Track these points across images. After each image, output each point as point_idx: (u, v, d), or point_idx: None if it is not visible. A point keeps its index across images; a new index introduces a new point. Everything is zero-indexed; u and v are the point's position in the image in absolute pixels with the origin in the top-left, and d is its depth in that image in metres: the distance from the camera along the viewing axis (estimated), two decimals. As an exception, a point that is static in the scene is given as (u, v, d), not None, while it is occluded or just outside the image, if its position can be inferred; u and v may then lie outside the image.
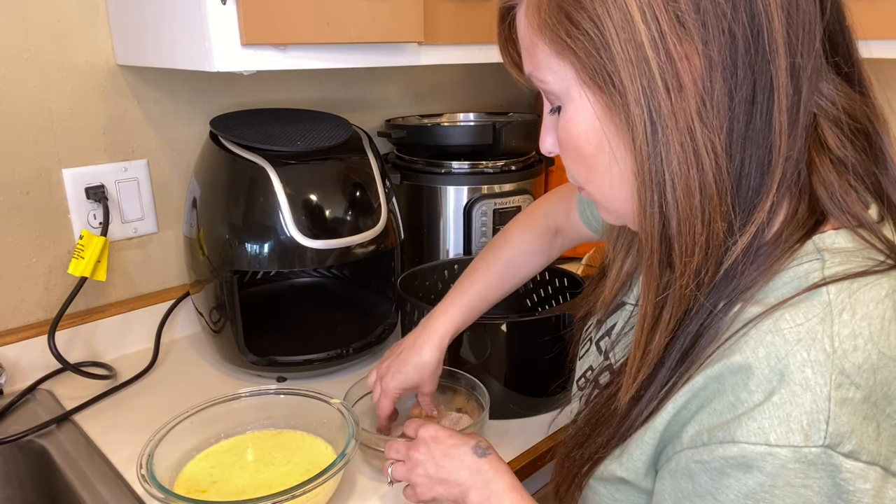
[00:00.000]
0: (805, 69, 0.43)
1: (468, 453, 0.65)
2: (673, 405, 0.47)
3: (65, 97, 0.97)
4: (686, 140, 0.43)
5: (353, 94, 1.30)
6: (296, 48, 0.81)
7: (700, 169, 0.44)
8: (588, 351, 0.68)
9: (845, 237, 0.46)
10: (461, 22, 0.98)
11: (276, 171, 0.90)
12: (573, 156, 0.51)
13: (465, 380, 0.87)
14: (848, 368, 0.40)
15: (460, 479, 0.64)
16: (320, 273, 1.28)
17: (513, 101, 1.63)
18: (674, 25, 0.42)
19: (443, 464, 0.65)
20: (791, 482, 0.40)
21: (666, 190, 0.44)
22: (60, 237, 1.01)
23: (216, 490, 0.73)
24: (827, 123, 0.46)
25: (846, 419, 0.40)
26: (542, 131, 0.55)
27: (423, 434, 0.68)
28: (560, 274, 1.07)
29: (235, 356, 0.98)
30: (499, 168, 1.22)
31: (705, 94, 0.43)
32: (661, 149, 0.44)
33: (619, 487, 0.54)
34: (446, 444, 0.66)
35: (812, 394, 0.40)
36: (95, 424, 0.89)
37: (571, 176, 0.54)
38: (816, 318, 0.42)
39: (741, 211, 0.45)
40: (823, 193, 0.46)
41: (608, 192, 0.51)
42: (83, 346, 1.04)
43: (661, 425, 0.49)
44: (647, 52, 0.42)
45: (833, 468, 0.39)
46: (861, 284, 0.43)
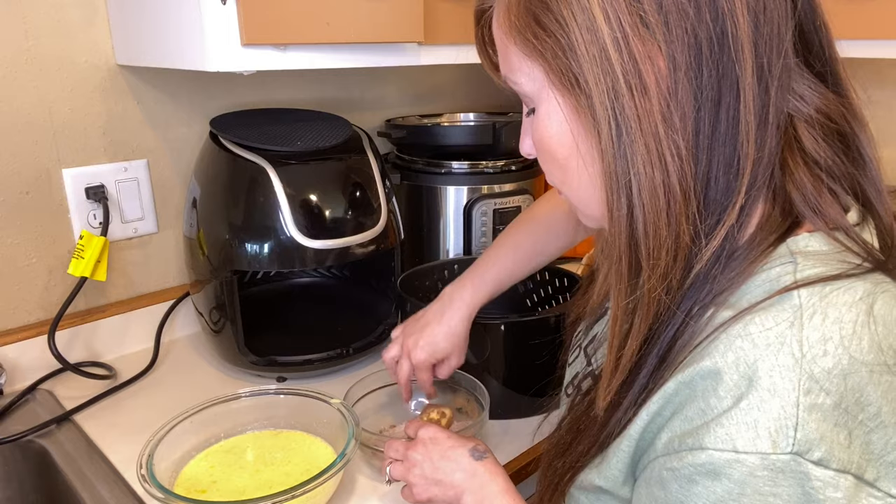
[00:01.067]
0: (774, 69, 0.43)
1: (465, 455, 0.65)
2: (647, 412, 0.47)
3: (65, 97, 0.97)
4: (650, 142, 0.43)
5: (353, 94, 1.30)
6: (296, 48, 0.81)
7: (664, 171, 0.43)
8: (577, 357, 0.68)
9: (819, 240, 0.45)
10: (461, 22, 0.98)
11: (276, 171, 0.90)
12: (547, 158, 0.51)
13: (465, 380, 0.87)
14: (817, 374, 0.40)
15: (455, 481, 0.64)
16: (320, 273, 1.28)
17: (513, 101, 1.62)
18: (636, 26, 0.42)
19: (439, 465, 0.65)
20: (759, 490, 0.39)
21: (632, 192, 0.44)
22: (60, 237, 1.01)
23: (216, 490, 0.73)
24: (802, 125, 0.46)
25: (815, 426, 0.39)
26: (522, 133, 0.55)
27: (422, 434, 0.68)
28: (560, 274, 1.07)
29: (235, 356, 0.98)
30: (499, 168, 1.22)
31: (669, 96, 0.43)
32: (626, 150, 0.44)
33: (598, 496, 0.53)
34: (444, 445, 0.66)
35: (780, 399, 0.39)
36: (95, 424, 0.89)
37: (549, 178, 0.54)
38: (786, 323, 0.41)
39: (709, 214, 0.45)
40: (797, 196, 0.46)
41: (581, 195, 0.50)
42: (83, 346, 1.04)
43: (637, 433, 0.48)
44: (610, 53, 0.42)
45: (802, 476, 0.39)
46: (834, 288, 0.42)
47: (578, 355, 0.67)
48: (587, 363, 0.63)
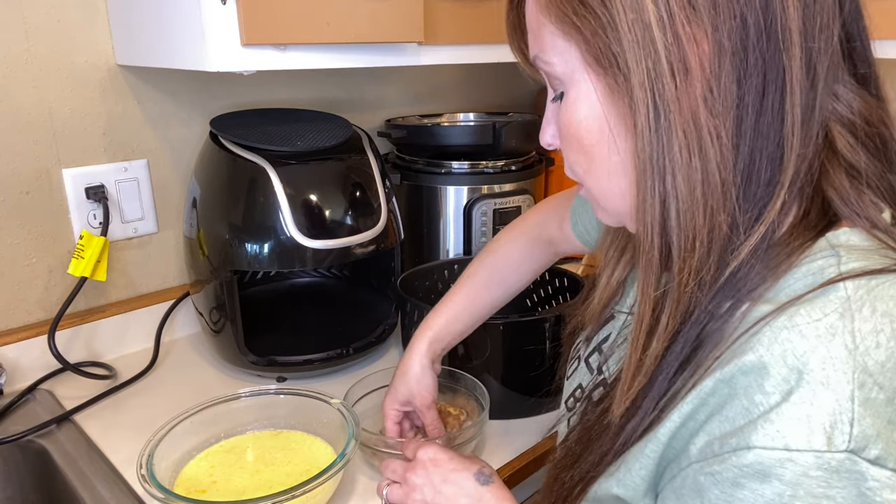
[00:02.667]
0: (821, 65, 0.41)
1: (469, 479, 0.61)
2: (678, 414, 0.44)
3: (65, 97, 0.97)
4: (689, 127, 0.42)
5: (353, 94, 1.30)
6: (296, 48, 0.81)
7: (703, 157, 0.42)
8: (576, 369, 0.65)
9: (860, 236, 0.44)
10: (461, 22, 0.98)
11: (276, 171, 0.90)
12: (573, 144, 0.49)
13: (465, 380, 0.87)
14: (871, 366, 0.37)
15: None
16: (320, 273, 1.28)
17: (513, 101, 1.63)
18: (684, 7, 0.40)
19: (442, 489, 0.61)
20: (813, 492, 0.36)
21: (666, 178, 0.42)
22: (60, 237, 1.01)
23: (216, 490, 0.73)
24: (838, 127, 0.44)
25: (871, 421, 0.36)
26: (544, 123, 0.52)
27: (421, 456, 0.64)
28: (560, 274, 1.07)
29: (235, 356, 0.98)
30: (499, 168, 1.22)
31: (713, 80, 0.41)
32: (663, 134, 0.42)
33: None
34: (446, 468, 0.62)
35: (834, 393, 0.37)
36: (95, 424, 0.89)
37: (570, 168, 0.52)
38: (835, 314, 0.39)
39: (749, 207, 0.43)
40: (835, 196, 0.44)
41: (606, 185, 0.48)
42: (83, 346, 1.04)
43: (665, 436, 0.45)
44: (654, 32, 0.41)
45: (858, 476, 0.36)
46: (880, 281, 0.40)
47: (578, 367, 0.65)
48: (597, 372, 0.61)
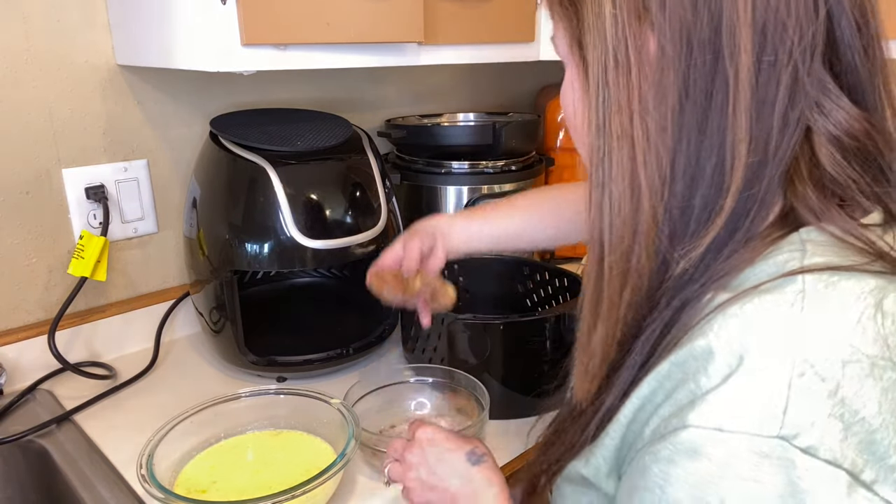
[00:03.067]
0: (782, 76, 0.41)
1: (461, 460, 0.63)
2: (637, 396, 0.45)
3: (65, 97, 0.97)
4: (625, 120, 0.44)
5: (353, 94, 1.30)
6: (296, 48, 0.81)
7: (632, 150, 0.44)
8: None
9: (836, 233, 0.43)
10: (461, 22, 0.98)
11: (276, 171, 0.90)
12: (566, 118, 0.53)
13: (465, 380, 0.87)
14: (813, 358, 0.37)
15: (450, 488, 0.62)
16: (320, 273, 1.28)
17: (513, 101, 1.63)
18: (636, 8, 0.43)
19: (435, 469, 0.63)
20: (741, 474, 0.36)
21: (604, 166, 0.45)
22: (60, 237, 1.01)
23: (216, 490, 0.73)
24: (821, 138, 0.43)
25: (807, 411, 0.36)
26: None
27: (419, 436, 0.66)
28: (560, 274, 1.07)
29: (235, 356, 0.98)
30: (499, 168, 1.22)
31: (652, 79, 0.43)
32: (606, 123, 0.44)
33: (583, 490, 0.52)
34: (441, 447, 0.64)
35: (771, 380, 0.37)
36: (95, 424, 0.89)
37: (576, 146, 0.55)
38: (786, 304, 0.39)
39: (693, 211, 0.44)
40: (801, 206, 0.44)
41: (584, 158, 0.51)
42: (83, 346, 1.04)
43: (626, 418, 0.46)
44: (607, 28, 0.44)
45: (788, 463, 0.36)
46: (843, 277, 0.40)
47: None
48: None
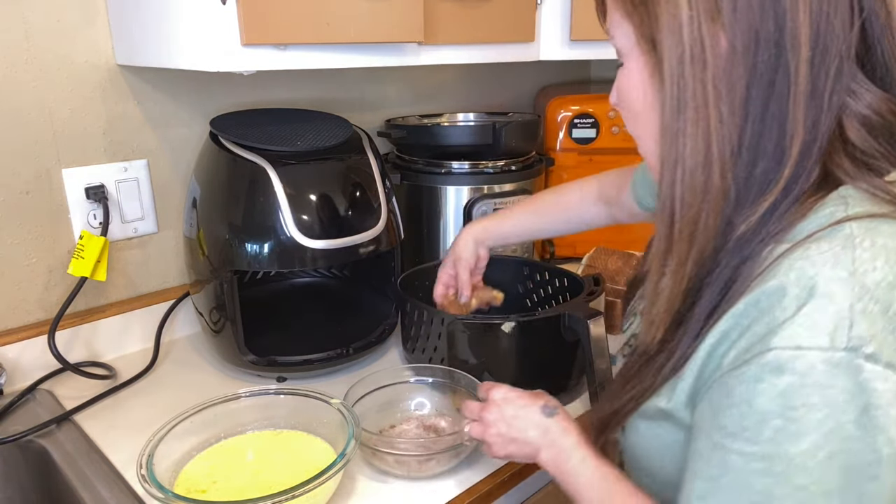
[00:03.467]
0: (829, 67, 0.50)
1: (536, 412, 0.69)
2: (714, 333, 0.52)
3: (65, 97, 0.97)
4: (701, 106, 0.51)
5: (353, 94, 1.30)
6: (296, 48, 0.81)
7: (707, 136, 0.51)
8: (632, 323, 0.74)
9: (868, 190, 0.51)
10: (461, 22, 0.98)
11: (276, 171, 0.90)
12: (626, 107, 0.59)
13: (465, 380, 0.87)
14: (868, 284, 0.46)
15: (530, 438, 0.68)
16: (320, 273, 1.28)
17: (513, 101, 1.63)
18: (710, 9, 0.50)
19: (513, 424, 0.69)
20: (819, 381, 0.45)
21: (678, 147, 0.52)
22: (60, 237, 1.01)
23: (216, 490, 0.73)
24: (851, 119, 0.52)
25: (866, 327, 0.45)
26: (614, 84, 0.61)
27: (493, 396, 0.72)
28: (560, 274, 1.07)
29: (235, 356, 0.98)
30: (499, 168, 1.22)
31: (724, 72, 0.51)
32: (679, 113, 0.52)
33: (660, 423, 0.58)
34: (516, 404, 0.70)
35: (837, 305, 0.46)
36: (95, 424, 0.89)
37: (627, 126, 0.61)
38: (839, 246, 0.48)
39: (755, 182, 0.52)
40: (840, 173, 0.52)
41: (644, 144, 0.59)
42: (83, 346, 1.04)
43: (704, 353, 0.53)
44: (683, 28, 0.50)
45: (855, 369, 0.44)
46: (881, 222, 0.49)
47: (633, 321, 0.73)
48: None
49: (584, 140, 1.40)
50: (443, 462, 0.78)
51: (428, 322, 0.94)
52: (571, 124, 1.40)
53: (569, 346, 0.90)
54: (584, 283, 0.99)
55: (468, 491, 0.77)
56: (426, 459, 0.77)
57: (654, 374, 0.58)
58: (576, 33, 1.12)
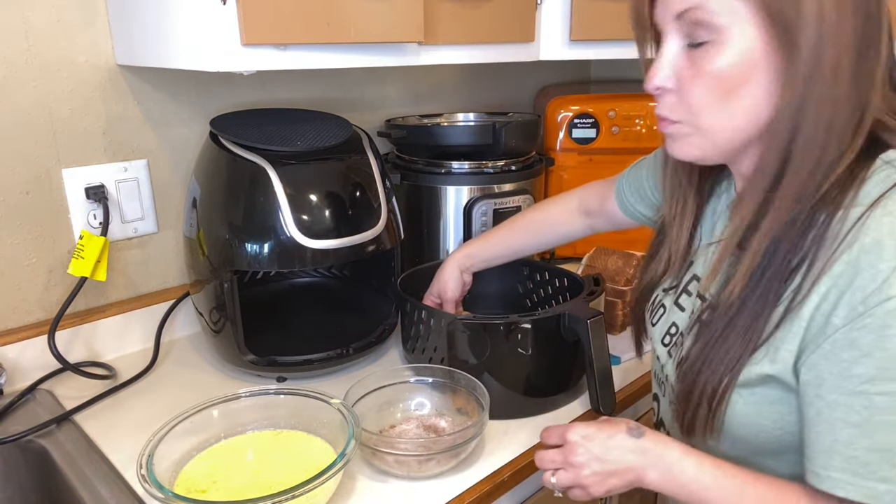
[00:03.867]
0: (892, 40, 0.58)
1: (626, 438, 0.67)
2: (817, 294, 0.56)
3: (65, 97, 0.97)
4: (829, 82, 0.55)
5: (353, 94, 1.30)
6: (296, 48, 0.81)
7: (832, 106, 0.56)
8: (663, 315, 0.76)
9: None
10: (461, 22, 0.98)
11: (276, 171, 0.90)
12: (708, 85, 0.59)
13: (465, 380, 0.87)
14: None
15: (631, 464, 0.66)
16: (320, 273, 1.28)
17: (513, 101, 1.63)
18: None
19: (607, 457, 0.67)
20: None
21: (802, 116, 0.56)
22: (60, 237, 1.01)
23: (216, 490, 0.73)
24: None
25: None
26: (656, 69, 0.62)
27: (571, 437, 0.69)
28: (560, 274, 1.07)
29: (235, 356, 0.98)
30: (499, 168, 1.22)
31: (849, 50, 0.55)
32: (810, 84, 0.55)
33: (761, 388, 0.61)
34: (601, 437, 0.68)
35: None
36: (95, 424, 0.89)
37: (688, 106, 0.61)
38: None
39: (845, 143, 0.57)
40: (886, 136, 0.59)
41: (724, 121, 0.60)
42: (83, 346, 1.04)
43: (808, 313, 0.57)
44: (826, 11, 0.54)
45: None
46: None
47: (664, 313, 0.76)
48: (699, 300, 0.70)
49: (584, 140, 1.40)
50: (443, 462, 0.78)
51: (428, 322, 0.94)
52: (571, 124, 1.40)
53: (569, 346, 0.90)
54: (584, 283, 0.99)
55: (468, 491, 0.77)
56: (426, 459, 0.77)
57: (745, 334, 0.61)
58: (576, 33, 1.12)
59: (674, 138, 0.66)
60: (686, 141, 0.64)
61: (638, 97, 1.40)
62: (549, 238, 1.03)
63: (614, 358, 1.04)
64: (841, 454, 0.55)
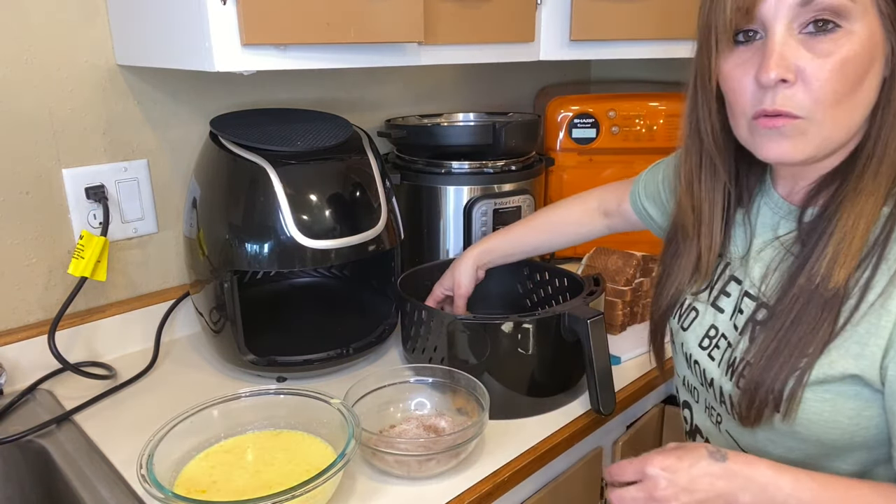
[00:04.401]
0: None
1: (710, 464, 0.62)
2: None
3: (65, 97, 0.97)
4: None
5: (353, 94, 1.30)
6: (296, 48, 0.81)
7: None
8: (695, 319, 0.76)
9: None
10: (461, 22, 0.98)
11: (276, 171, 0.90)
12: (839, 75, 0.57)
13: (465, 380, 0.87)
14: None
15: (721, 490, 0.62)
16: (320, 273, 1.28)
17: (513, 101, 1.63)
18: None
19: (695, 487, 0.62)
20: None
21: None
22: (60, 237, 1.01)
23: (216, 490, 0.73)
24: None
25: None
26: (776, 58, 0.58)
27: (652, 472, 0.64)
28: (560, 274, 1.07)
29: (235, 356, 0.98)
30: (499, 168, 1.22)
31: None
32: None
33: (840, 386, 0.61)
34: (683, 466, 0.63)
35: None
36: (95, 424, 0.89)
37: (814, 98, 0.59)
38: None
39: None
40: None
41: (844, 116, 0.60)
42: (83, 346, 1.04)
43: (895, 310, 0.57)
44: None
45: None
46: None
47: (699, 315, 0.76)
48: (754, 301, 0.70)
49: (584, 140, 1.40)
50: (443, 462, 0.78)
51: (428, 322, 0.94)
52: (571, 124, 1.40)
53: (569, 346, 0.90)
54: (584, 283, 0.99)
55: (468, 491, 0.77)
56: (426, 459, 0.77)
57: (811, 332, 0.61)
58: (576, 33, 1.12)
59: (784, 137, 0.61)
60: (799, 141, 0.61)
61: (638, 97, 1.40)
62: (568, 237, 1.02)
63: (614, 358, 1.04)
64: None
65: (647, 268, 1.14)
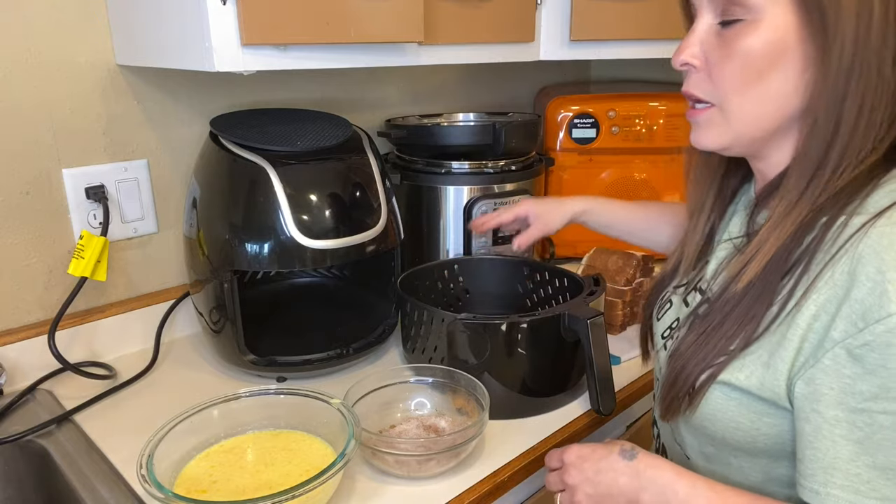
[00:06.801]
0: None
1: (618, 461, 0.65)
2: (814, 304, 0.56)
3: (65, 97, 0.97)
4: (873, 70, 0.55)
5: (353, 94, 1.30)
6: (296, 48, 0.81)
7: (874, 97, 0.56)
8: (667, 311, 0.77)
9: None
10: (461, 22, 0.98)
11: (276, 171, 0.90)
12: (737, 65, 0.59)
13: (465, 380, 0.87)
14: None
15: (623, 488, 0.64)
16: (320, 273, 1.28)
17: (513, 101, 1.63)
18: None
19: (599, 479, 0.66)
20: None
21: (844, 105, 0.56)
22: (60, 237, 1.01)
23: (216, 490, 0.73)
24: None
25: None
26: (685, 45, 0.63)
27: (567, 459, 0.69)
28: (560, 274, 1.07)
29: (235, 356, 0.98)
30: (499, 168, 1.22)
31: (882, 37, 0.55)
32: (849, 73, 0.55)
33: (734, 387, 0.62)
34: (594, 459, 0.67)
35: None
36: (95, 424, 0.89)
37: (717, 85, 0.61)
38: None
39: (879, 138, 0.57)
40: None
41: (752, 107, 0.60)
42: (83, 346, 1.04)
43: (805, 322, 0.56)
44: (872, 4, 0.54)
45: None
46: None
47: (670, 307, 0.76)
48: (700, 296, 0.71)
49: (584, 140, 1.40)
50: (443, 462, 0.78)
51: (428, 322, 0.94)
52: (571, 124, 1.40)
53: (569, 346, 0.90)
54: (584, 283, 0.99)
55: (468, 491, 0.77)
56: (426, 459, 0.77)
57: (735, 330, 0.61)
58: (576, 33, 1.12)
59: (700, 126, 0.65)
60: (712, 129, 0.64)
61: (638, 97, 1.40)
62: (671, 231, 0.97)
63: (614, 358, 1.04)
64: (842, 471, 0.54)
65: (647, 268, 1.14)
